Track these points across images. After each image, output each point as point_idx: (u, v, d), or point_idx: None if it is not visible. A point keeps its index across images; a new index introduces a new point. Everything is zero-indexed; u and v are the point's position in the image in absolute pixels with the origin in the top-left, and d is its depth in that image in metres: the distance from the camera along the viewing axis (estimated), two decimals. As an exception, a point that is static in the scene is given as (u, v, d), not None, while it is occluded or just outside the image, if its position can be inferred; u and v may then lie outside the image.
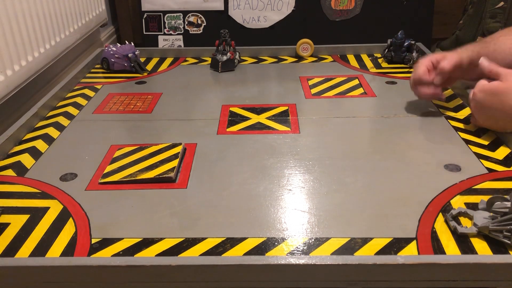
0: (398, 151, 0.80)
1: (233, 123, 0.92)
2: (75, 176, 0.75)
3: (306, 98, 1.03)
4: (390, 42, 1.21)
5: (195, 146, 0.83)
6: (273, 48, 1.32)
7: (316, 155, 0.79)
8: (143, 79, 1.17)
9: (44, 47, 1.21)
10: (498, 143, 0.81)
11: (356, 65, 1.23)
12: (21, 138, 0.88)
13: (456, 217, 0.63)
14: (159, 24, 1.85)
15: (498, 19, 1.24)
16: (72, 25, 1.41)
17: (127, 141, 0.86)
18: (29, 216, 0.65)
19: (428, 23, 1.84)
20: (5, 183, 0.74)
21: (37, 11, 1.18)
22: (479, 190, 0.69)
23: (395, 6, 1.81)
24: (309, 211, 0.65)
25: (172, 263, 0.52)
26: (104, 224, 0.63)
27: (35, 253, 0.58)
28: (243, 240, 0.60)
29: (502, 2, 1.23)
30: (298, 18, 1.80)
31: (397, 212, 0.64)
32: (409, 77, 0.94)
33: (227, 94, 1.07)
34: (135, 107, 1.00)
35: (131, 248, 0.59)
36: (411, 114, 0.94)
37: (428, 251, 0.57)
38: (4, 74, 1.02)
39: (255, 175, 0.74)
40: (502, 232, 0.57)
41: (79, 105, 1.02)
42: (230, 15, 1.81)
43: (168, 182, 0.73)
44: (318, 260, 0.52)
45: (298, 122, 0.92)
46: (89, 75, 1.21)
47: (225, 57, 1.20)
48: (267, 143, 0.84)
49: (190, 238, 0.60)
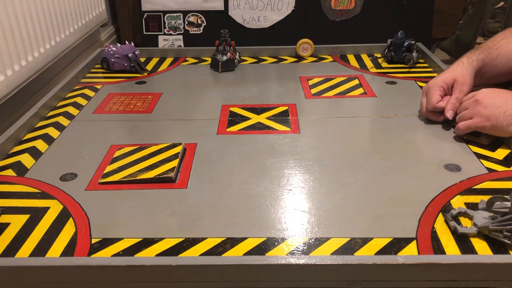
0: (398, 151, 0.80)
1: (233, 123, 0.92)
2: (75, 176, 0.75)
3: (306, 98, 1.03)
4: (390, 42, 1.21)
5: (195, 146, 0.83)
6: (273, 48, 1.32)
7: (316, 155, 0.79)
8: (143, 79, 1.17)
9: (44, 47, 1.21)
10: (498, 143, 0.81)
11: (356, 65, 1.23)
12: (21, 138, 0.88)
13: (456, 217, 0.63)
14: (159, 24, 1.85)
15: (498, 19, 1.24)
16: (72, 25, 1.41)
17: (127, 141, 0.86)
18: (29, 216, 0.65)
19: (428, 23, 1.84)
20: (5, 183, 0.74)
21: (37, 11, 1.18)
22: (479, 190, 0.69)
23: (395, 6, 1.81)
24: (309, 211, 0.65)
25: (172, 263, 0.52)
26: (104, 224, 0.63)
27: (35, 253, 0.58)
28: (243, 240, 0.60)
29: (502, 2, 1.23)
30: (298, 18, 1.80)
31: (397, 212, 0.64)
32: (409, 77, 0.94)
33: (227, 94, 1.07)
34: (135, 107, 1.00)
35: (131, 248, 0.59)
36: (411, 114, 0.94)
37: (428, 251, 0.57)
38: (4, 74, 1.02)
39: (255, 175, 0.74)
40: (502, 232, 0.57)
41: (79, 105, 1.02)
42: (230, 15, 1.81)
43: (168, 182, 0.73)
44: (318, 260, 0.52)
45: (298, 122, 0.92)
46: (89, 75, 1.21)
47: (225, 57, 1.20)
48: (267, 143, 0.84)
49: (190, 238, 0.60)
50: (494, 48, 0.91)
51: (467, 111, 0.81)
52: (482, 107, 0.79)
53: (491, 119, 0.78)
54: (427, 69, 1.18)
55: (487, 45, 0.93)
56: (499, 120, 0.77)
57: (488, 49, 0.92)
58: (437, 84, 0.88)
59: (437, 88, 0.88)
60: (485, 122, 0.78)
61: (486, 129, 0.79)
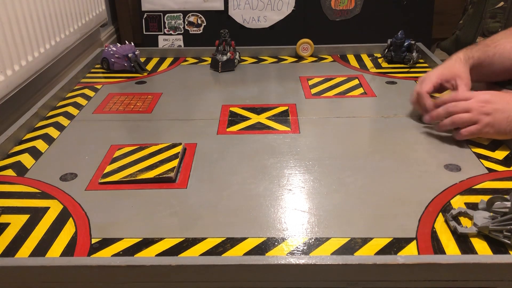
0: (398, 151, 0.80)
1: (233, 123, 0.92)
2: (75, 176, 0.75)
3: (306, 98, 1.03)
4: (390, 42, 1.21)
5: (195, 146, 0.83)
6: (273, 48, 1.32)
7: (316, 155, 0.79)
8: (143, 79, 1.17)
9: (44, 47, 1.21)
10: (498, 143, 0.81)
11: (356, 65, 1.23)
12: (21, 138, 0.88)
13: (456, 217, 0.63)
14: (159, 24, 1.86)
15: (498, 19, 1.24)
16: (72, 25, 1.41)
17: (127, 141, 0.86)
18: (29, 216, 0.65)
19: (428, 23, 1.84)
20: (5, 183, 0.74)
21: (37, 11, 1.18)
22: (479, 190, 0.69)
23: (395, 6, 1.81)
24: (309, 211, 0.65)
25: (172, 263, 0.52)
26: (104, 224, 0.63)
27: (35, 253, 0.58)
28: (243, 240, 0.60)
29: (502, 2, 1.23)
30: (298, 18, 1.80)
31: (397, 212, 0.64)
32: (409, 77, 0.94)
33: (227, 94, 1.07)
34: (135, 107, 1.00)
35: (131, 248, 0.59)
36: (411, 114, 0.94)
37: (428, 251, 0.57)
38: (4, 74, 1.02)
39: (255, 175, 0.74)
40: (502, 232, 0.57)
41: (79, 105, 1.02)
42: (230, 15, 1.81)
43: (168, 182, 0.73)
44: (318, 260, 0.52)
45: (298, 122, 0.92)
46: (89, 75, 1.21)
47: (225, 57, 1.20)
48: (267, 143, 0.84)
49: (190, 238, 0.60)
50: (492, 47, 0.91)
51: (468, 116, 0.79)
52: (485, 114, 0.77)
53: (495, 125, 0.77)
54: (427, 69, 1.18)
55: (485, 43, 0.93)
56: (502, 126, 0.77)
57: (486, 47, 0.91)
58: (434, 75, 0.89)
59: (434, 79, 0.88)
60: (488, 129, 0.78)
61: (489, 134, 0.79)
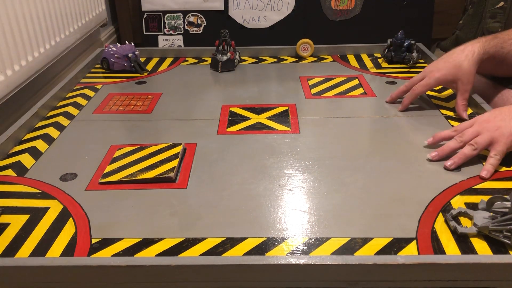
0: (398, 151, 0.80)
1: (233, 123, 0.92)
2: (75, 176, 0.75)
3: (306, 98, 1.03)
4: (390, 42, 1.21)
5: (195, 146, 0.83)
6: (273, 48, 1.32)
7: (316, 155, 0.79)
8: (143, 79, 1.17)
9: (44, 47, 1.21)
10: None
11: (356, 65, 1.23)
12: (21, 138, 0.88)
13: (456, 217, 0.63)
14: (159, 24, 1.86)
15: (498, 19, 1.24)
16: (72, 25, 1.41)
17: (127, 141, 0.86)
18: (29, 216, 0.65)
19: (428, 23, 1.84)
20: (5, 183, 0.74)
21: (37, 11, 1.18)
22: (479, 190, 0.69)
23: (395, 6, 1.81)
24: (309, 211, 0.65)
25: (172, 263, 0.52)
26: (104, 224, 0.63)
27: (35, 253, 0.58)
28: (243, 240, 0.60)
29: (502, 2, 1.23)
30: (298, 18, 1.80)
31: (397, 212, 0.64)
32: (409, 77, 0.94)
33: (227, 94, 1.07)
34: (135, 107, 1.00)
35: (131, 248, 0.59)
36: (411, 114, 0.94)
37: (428, 251, 0.57)
38: (4, 74, 1.02)
39: (255, 175, 0.74)
40: (502, 232, 0.57)
41: (79, 105, 1.02)
42: (230, 15, 1.81)
43: (168, 182, 0.73)
44: (318, 260, 0.52)
45: (298, 122, 0.92)
46: (89, 75, 1.21)
47: (225, 57, 1.20)
48: (267, 143, 0.84)
49: (190, 238, 0.60)
50: (509, 43, 0.89)
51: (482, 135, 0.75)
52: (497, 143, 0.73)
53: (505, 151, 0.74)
54: (427, 69, 1.18)
55: (502, 38, 0.91)
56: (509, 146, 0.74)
57: (503, 42, 0.90)
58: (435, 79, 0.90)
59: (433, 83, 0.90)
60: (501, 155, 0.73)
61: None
